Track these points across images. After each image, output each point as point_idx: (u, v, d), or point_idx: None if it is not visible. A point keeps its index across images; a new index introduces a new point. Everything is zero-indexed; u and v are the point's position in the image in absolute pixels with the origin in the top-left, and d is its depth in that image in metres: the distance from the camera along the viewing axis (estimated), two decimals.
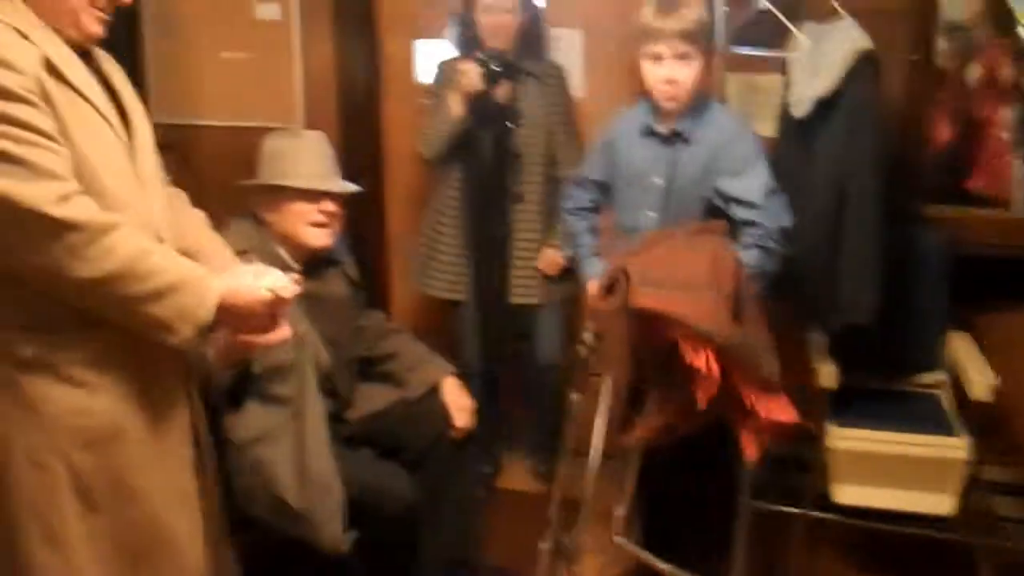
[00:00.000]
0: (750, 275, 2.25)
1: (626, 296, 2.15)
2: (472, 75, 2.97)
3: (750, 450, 2.22)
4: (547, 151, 3.17)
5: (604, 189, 2.65)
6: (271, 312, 1.75)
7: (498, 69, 2.98)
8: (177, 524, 1.85)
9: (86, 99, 1.66)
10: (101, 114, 1.69)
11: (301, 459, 2.31)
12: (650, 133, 2.44)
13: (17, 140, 1.52)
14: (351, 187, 2.56)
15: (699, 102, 2.39)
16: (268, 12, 3.49)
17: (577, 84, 3.35)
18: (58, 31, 1.66)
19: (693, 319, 2.10)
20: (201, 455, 1.93)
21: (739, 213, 2.32)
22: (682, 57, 2.33)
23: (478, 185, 3.14)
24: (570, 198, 2.72)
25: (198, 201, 3.44)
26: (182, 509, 1.87)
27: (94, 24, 1.70)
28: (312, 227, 2.45)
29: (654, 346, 2.16)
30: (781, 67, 2.81)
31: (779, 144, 2.79)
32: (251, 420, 2.33)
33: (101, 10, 1.71)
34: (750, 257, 2.29)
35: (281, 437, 2.33)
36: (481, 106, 3.04)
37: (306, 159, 2.48)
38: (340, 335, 2.58)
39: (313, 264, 2.53)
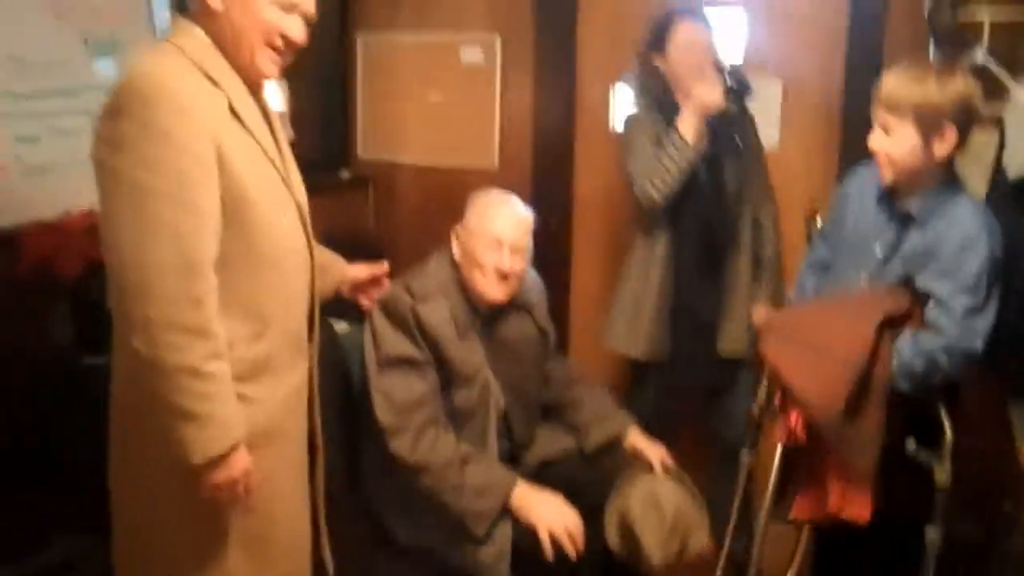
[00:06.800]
0: (900, 370, 2.13)
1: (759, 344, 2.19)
2: (717, 92, 2.71)
3: (799, 511, 2.19)
4: (752, 192, 2.99)
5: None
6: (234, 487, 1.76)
7: (741, 87, 2.72)
8: (303, 525, 1.97)
9: (256, 140, 1.76)
10: (265, 152, 1.78)
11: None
12: (883, 200, 2.30)
13: (167, 197, 1.60)
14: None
15: (942, 186, 2.18)
16: (473, 56, 3.64)
17: (773, 134, 3.29)
18: (237, 69, 1.76)
19: (795, 381, 2.08)
20: (314, 460, 2.01)
21: (932, 313, 2.13)
22: (882, 126, 2.18)
23: (698, 228, 2.87)
24: (811, 250, 2.58)
25: (392, 233, 3.70)
26: (303, 510, 1.98)
27: (268, 65, 1.79)
28: (486, 280, 2.46)
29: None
30: (996, 124, 2.64)
31: (989, 207, 2.58)
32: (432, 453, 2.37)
33: (276, 51, 1.78)
34: (913, 357, 2.12)
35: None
36: (715, 132, 2.79)
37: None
38: (523, 379, 2.59)
39: (498, 308, 2.54)
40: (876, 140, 2.19)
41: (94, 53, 2.88)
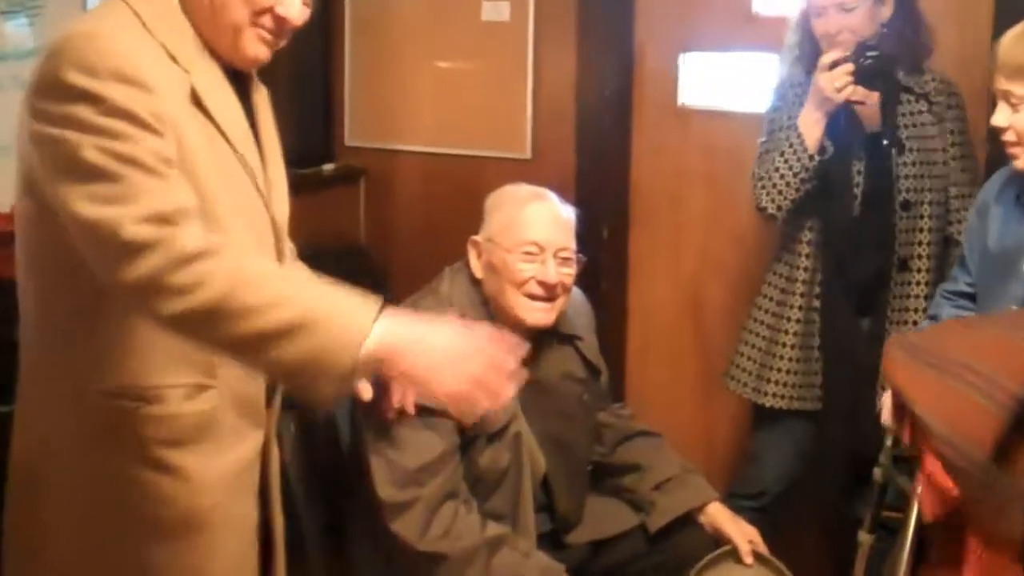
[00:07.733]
0: None
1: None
2: (837, 78, 2.42)
3: None
4: (940, 200, 2.62)
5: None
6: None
7: (874, 66, 2.41)
8: None
9: (223, 134, 1.65)
10: (235, 151, 1.66)
11: None
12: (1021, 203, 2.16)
13: (121, 158, 1.46)
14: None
15: None
16: (496, 12, 3.38)
17: None
18: (214, 51, 1.66)
19: (931, 410, 1.88)
20: (269, 560, 1.87)
21: None
22: (1004, 97, 2.03)
23: (846, 245, 2.59)
24: (950, 278, 2.41)
25: (389, 241, 3.63)
26: None
27: (256, 46, 1.65)
28: (526, 298, 2.28)
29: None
30: None
31: None
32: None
33: (269, 31, 1.65)
34: None
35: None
36: (849, 126, 2.51)
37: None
38: (567, 433, 2.41)
39: (535, 340, 2.32)
40: (1001, 116, 2.05)
41: (3, 11, 2.72)
